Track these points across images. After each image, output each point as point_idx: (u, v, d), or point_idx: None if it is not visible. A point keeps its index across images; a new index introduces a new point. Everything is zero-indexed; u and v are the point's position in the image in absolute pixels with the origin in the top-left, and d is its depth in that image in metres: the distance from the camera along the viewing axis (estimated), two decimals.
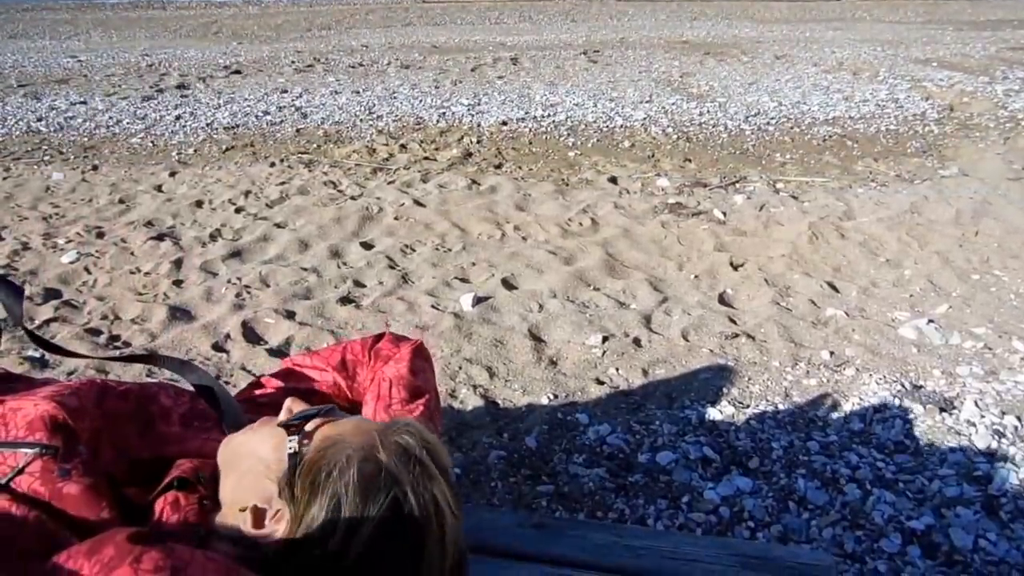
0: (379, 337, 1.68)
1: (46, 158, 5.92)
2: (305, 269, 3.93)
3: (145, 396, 1.34)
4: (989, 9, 15.45)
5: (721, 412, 2.71)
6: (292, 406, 1.21)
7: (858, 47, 10.18)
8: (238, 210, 4.76)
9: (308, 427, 1.14)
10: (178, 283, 3.80)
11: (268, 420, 1.20)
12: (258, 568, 0.99)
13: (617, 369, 2.99)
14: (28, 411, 1.18)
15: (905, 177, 5.27)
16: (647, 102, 7.12)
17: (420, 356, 1.63)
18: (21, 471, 1.12)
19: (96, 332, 3.30)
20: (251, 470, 1.13)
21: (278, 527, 1.07)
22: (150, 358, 1.85)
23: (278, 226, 4.48)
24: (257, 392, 1.61)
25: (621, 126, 6.43)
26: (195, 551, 0.95)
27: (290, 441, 1.11)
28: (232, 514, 1.12)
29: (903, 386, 2.84)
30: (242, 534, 1.09)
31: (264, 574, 1.00)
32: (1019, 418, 2.64)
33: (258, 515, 1.08)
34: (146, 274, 3.89)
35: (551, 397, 2.81)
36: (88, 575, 0.90)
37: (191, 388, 1.45)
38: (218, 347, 3.20)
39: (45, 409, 1.17)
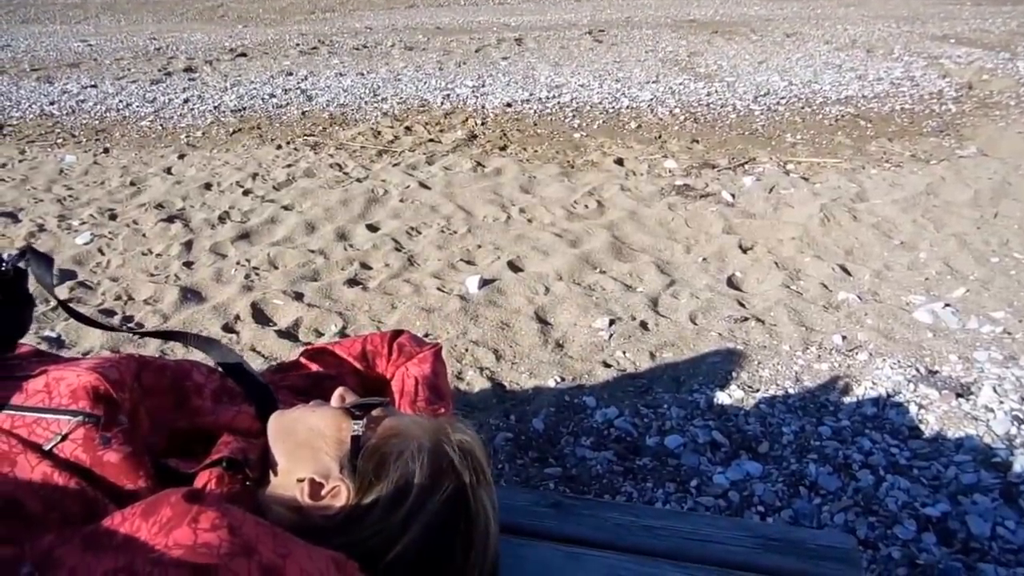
0: (398, 332, 1.69)
1: (59, 141, 5.90)
2: (312, 251, 3.90)
3: (180, 372, 1.38)
4: None
5: (730, 396, 2.67)
6: (345, 395, 1.28)
7: (872, 24, 10.04)
8: (246, 192, 4.73)
9: (373, 415, 1.21)
10: (188, 264, 3.79)
11: (323, 403, 1.27)
12: (307, 537, 1.02)
13: (624, 352, 2.95)
14: (71, 380, 1.21)
15: (921, 157, 5.19)
16: (654, 82, 7.03)
17: (440, 359, 1.67)
18: (65, 438, 1.15)
19: (110, 313, 3.30)
20: (308, 443, 1.18)
21: (334, 502, 1.12)
22: (178, 335, 1.87)
23: (285, 208, 4.45)
24: (279, 377, 1.61)
25: (627, 107, 6.35)
26: (246, 513, 0.99)
27: (356, 424, 1.18)
28: (286, 484, 1.17)
29: (918, 371, 2.79)
30: (297, 503, 1.14)
31: (313, 541, 1.03)
32: None
33: (315, 488, 1.13)
34: (158, 255, 3.89)
35: (558, 380, 2.77)
36: (147, 537, 0.93)
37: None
38: (228, 328, 3.19)
39: (88, 380, 1.21)
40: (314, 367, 1.62)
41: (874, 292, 3.43)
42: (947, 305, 3.27)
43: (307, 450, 1.18)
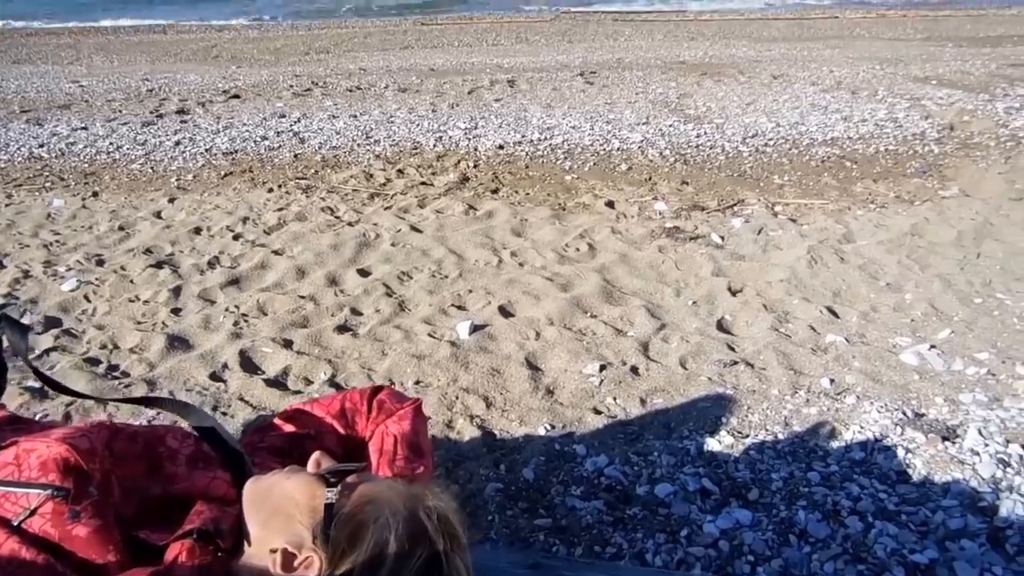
0: (378, 389, 1.70)
1: (47, 184, 5.92)
2: (303, 297, 3.91)
3: (153, 438, 1.39)
4: (988, 25, 15.49)
5: (720, 442, 2.68)
6: (321, 460, 1.28)
7: (856, 65, 10.20)
8: (236, 237, 4.75)
9: (347, 481, 1.21)
10: (176, 311, 3.79)
11: (299, 469, 1.27)
12: None
13: (615, 398, 2.96)
14: (41, 452, 1.22)
15: (905, 198, 5.25)
16: (644, 124, 7.12)
17: (420, 415, 1.67)
18: (33, 512, 1.16)
19: (95, 362, 3.29)
20: (282, 512, 1.19)
21: (308, 573, 1.13)
22: (153, 401, 1.86)
23: (276, 253, 4.46)
24: (258, 438, 1.61)
25: (618, 149, 6.42)
26: None
27: (328, 492, 1.18)
28: (259, 554, 1.17)
29: (905, 414, 2.81)
30: (270, 575, 1.14)
31: None
32: None
33: (288, 558, 1.14)
34: (145, 302, 3.88)
35: (548, 427, 2.78)
36: None
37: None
38: (216, 377, 3.18)
39: (58, 451, 1.21)
40: (290, 428, 1.62)
41: (861, 334, 3.46)
42: (933, 347, 3.30)
43: (280, 519, 1.18)
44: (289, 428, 1.62)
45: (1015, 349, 3.30)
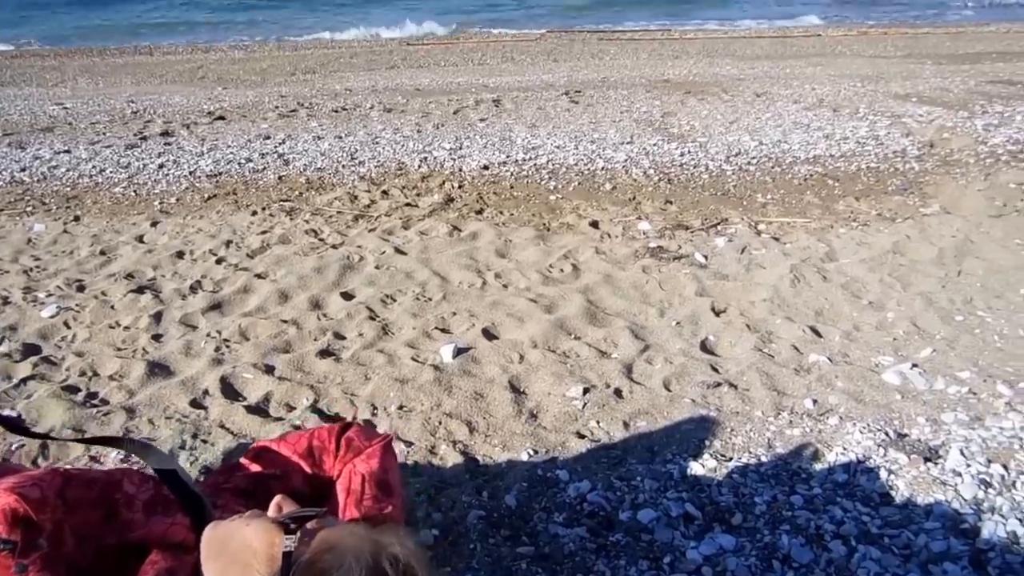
0: (347, 425, 1.67)
1: (28, 209, 5.88)
2: (285, 321, 3.89)
3: (110, 483, 1.36)
4: (967, 43, 15.66)
5: (703, 466, 2.67)
6: (283, 504, 1.25)
7: (838, 83, 10.28)
8: (219, 261, 4.73)
9: (308, 527, 1.18)
10: (157, 337, 3.76)
11: (259, 514, 1.23)
12: None
13: (598, 422, 2.95)
14: None
15: (887, 216, 5.28)
16: (628, 143, 7.14)
17: (390, 452, 1.64)
18: None
19: (74, 390, 3.26)
20: (240, 560, 1.16)
21: None
22: (113, 441, 1.83)
23: (259, 277, 4.44)
24: (223, 478, 1.58)
25: (602, 168, 6.44)
26: None
27: (287, 539, 1.15)
28: None
29: (887, 435, 2.82)
30: None
31: None
32: (1005, 466, 2.61)
33: None
34: (125, 328, 3.85)
35: (531, 453, 2.77)
36: None
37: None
38: (196, 404, 3.16)
39: (5, 502, 1.17)
40: (256, 468, 1.60)
41: (844, 354, 3.47)
42: (915, 366, 3.31)
43: (238, 568, 1.15)
44: (255, 468, 1.59)
45: (996, 367, 3.31)
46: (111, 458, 2.77)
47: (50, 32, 18.81)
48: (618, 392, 3.16)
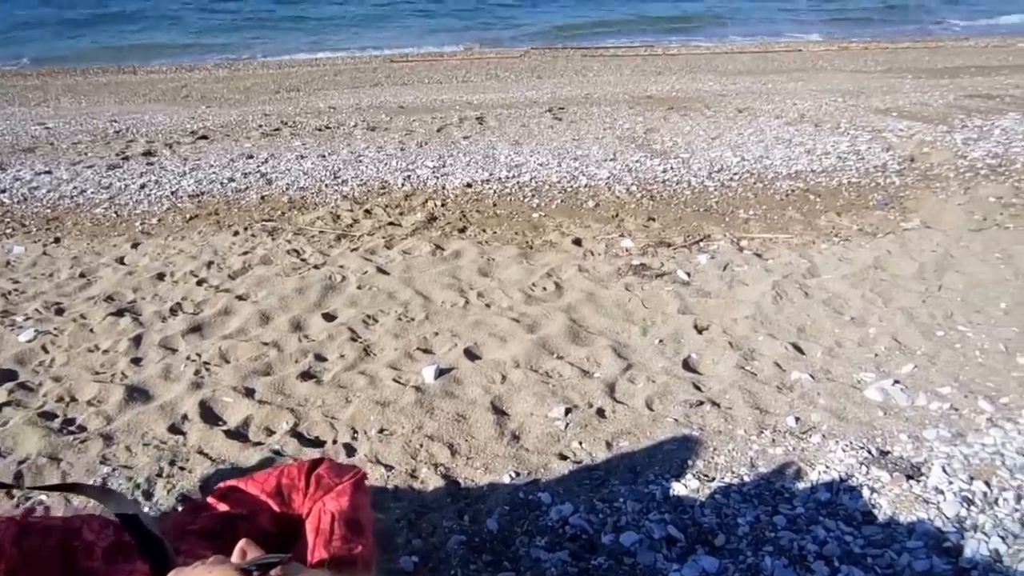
0: (317, 462, 1.65)
1: (8, 231, 5.82)
2: (266, 343, 3.86)
3: (68, 531, 1.33)
4: (946, 57, 15.82)
5: (686, 486, 2.66)
6: (247, 548, 1.22)
7: (819, 98, 10.36)
8: (200, 282, 4.69)
9: (272, 575, 1.16)
10: (136, 361, 3.72)
11: (222, 560, 1.20)
12: None
13: (580, 442, 2.94)
14: None
15: (868, 231, 5.31)
16: (611, 160, 7.16)
17: (361, 489, 1.61)
18: None
19: (50, 416, 3.22)
20: None
21: None
22: (73, 487, 1.79)
23: (240, 298, 4.41)
24: (190, 519, 1.55)
25: (585, 185, 6.45)
26: None
27: None
28: None
29: (870, 452, 2.81)
30: None
31: None
32: (987, 483, 2.61)
33: None
34: (104, 352, 3.81)
35: (513, 475, 2.75)
36: None
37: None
38: (175, 429, 3.12)
39: None
40: (223, 508, 1.57)
41: (826, 370, 3.47)
42: (896, 382, 3.31)
43: None
44: (222, 507, 1.56)
45: (977, 383, 3.32)
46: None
47: (40, 53, 18.75)
48: (601, 412, 3.14)
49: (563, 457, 2.85)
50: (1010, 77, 11.99)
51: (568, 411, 3.14)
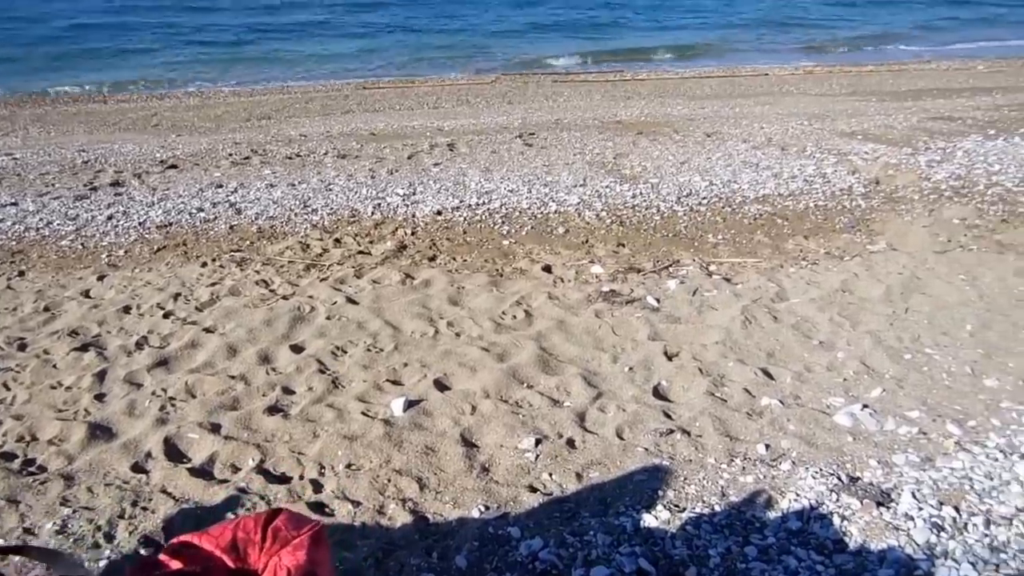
0: (275, 513, 1.61)
1: None
2: (233, 377, 3.81)
3: None
4: (909, 80, 16.11)
5: (656, 517, 2.64)
6: None
7: (786, 121, 10.49)
8: (167, 315, 4.63)
9: None
10: (100, 397, 3.66)
11: None
12: None
13: (551, 474, 2.91)
14: None
15: (835, 254, 5.36)
16: (581, 186, 7.18)
17: (319, 542, 1.58)
18: None
19: (10, 456, 3.15)
20: None
21: None
22: (21, 550, 1.73)
23: (207, 331, 4.36)
24: None
25: (555, 212, 6.46)
26: None
27: None
28: None
29: (840, 479, 2.81)
30: None
31: None
32: (957, 508, 2.62)
33: None
34: (67, 389, 3.75)
35: (482, 509, 2.72)
36: None
37: None
38: (138, 468, 3.07)
39: None
40: (176, 564, 1.53)
41: (795, 396, 3.47)
42: (865, 406, 3.33)
43: None
44: (175, 564, 1.52)
45: (944, 406, 3.34)
46: (45, 530, 2.67)
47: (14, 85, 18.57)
48: (571, 442, 3.12)
49: (533, 489, 2.83)
50: (971, 99, 12.23)
51: (538, 442, 3.11)
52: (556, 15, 26.80)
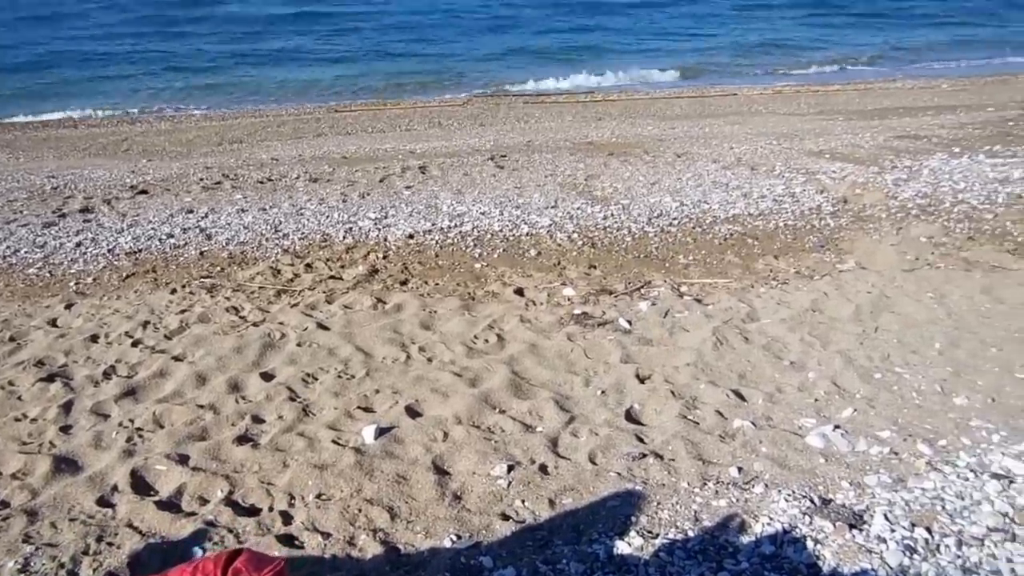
0: (235, 553, 1.59)
1: None
2: (201, 406, 3.76)
3: None
4: (875, 99, 16.36)
5: (630, 544, 2.62)
6: None
7: (755, 141, 10.60)
8: (135, 343, 4.56)
9: None
10: (66, 429, 3.59)
11: None
12: None
13: (523, 501, 2.89)
14: None
15: (805, 273, 5.40)
16: (552, 207, 7.20)
17: None
18: None
19: None
20: None
21: None
22: None
23: (176, 359, 4.30)
24: None
25: (527, 234, 6.47)
26: None
27: None
28: None
29: (812, 501, 2.82)
30: None
31: None
32: (929, 529, 2.63)
33: None
34: (32, 421, 3.68)
35: (454, 538, 2.69)
36: None
37: None
38: (104, 501, 3.01)
39: None
40: None
41: (767, 417, 3.48)
42: (837, 427, 3.34)
43: None
44: None
45: (915, 425, 3.36)
46: (7, 569, 2.61)
47: None
48: (543, 468, 3.10)
49: (505, 517, 2.80)
50: (935, 118, 12.43)
51: (511, 468, 3.09)
52: (532, 41, 26.91)
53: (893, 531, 2.62)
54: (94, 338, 4.67)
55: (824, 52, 24.62)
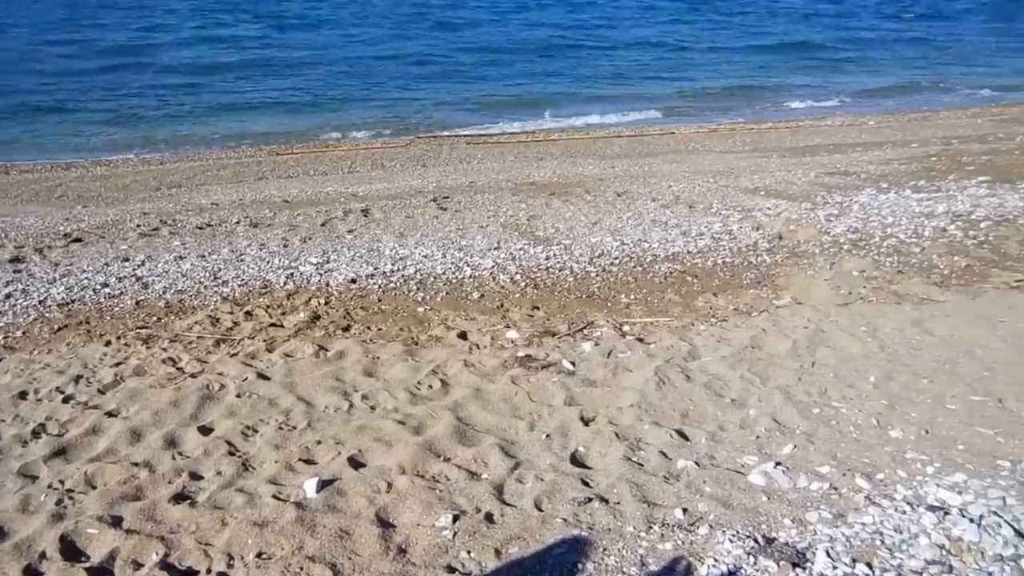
0: None
1: None
2: (136, 464, 3.65)
3: None
4: (806, 136, 16.85)
5: None
6: None
7: (693, 179, 10.81)
8: (66, 399, 4.42)
9: None
10: None
11: None
12: None
13: (469, 552, 2.86)
14: None
15: (743, 310, 5.49)
16: (495, 249, 7.23)
17: None
18: None
19: None
20: None
21: None
22: None
23: (109, 415, 4.18)
24: None
25: (470, 276, 6.47)
26: None
27: None
28: None
29: (756, 541, 2.84)
30: None
31: None
32: (869, 565, 2.67)
33: None
34: None
35: None
36: None
37: None
38: (31, 570, 2.90)
39: None
40: None
41: (711, 456, 3.51)
42: (778, 464, 3.38)
43: None
44: None
45: (854, 459, 3.43)
46: None
47: None
48: (489, 517, 3.08)
49: (451, 570, 2.77)
50: (864, 154, 12.85)
51: (456, 518, 3.06)
52: (477, 85, 27.11)
53: (835, 568, 2.65)
54: (22, 395, 4.51)
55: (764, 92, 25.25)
